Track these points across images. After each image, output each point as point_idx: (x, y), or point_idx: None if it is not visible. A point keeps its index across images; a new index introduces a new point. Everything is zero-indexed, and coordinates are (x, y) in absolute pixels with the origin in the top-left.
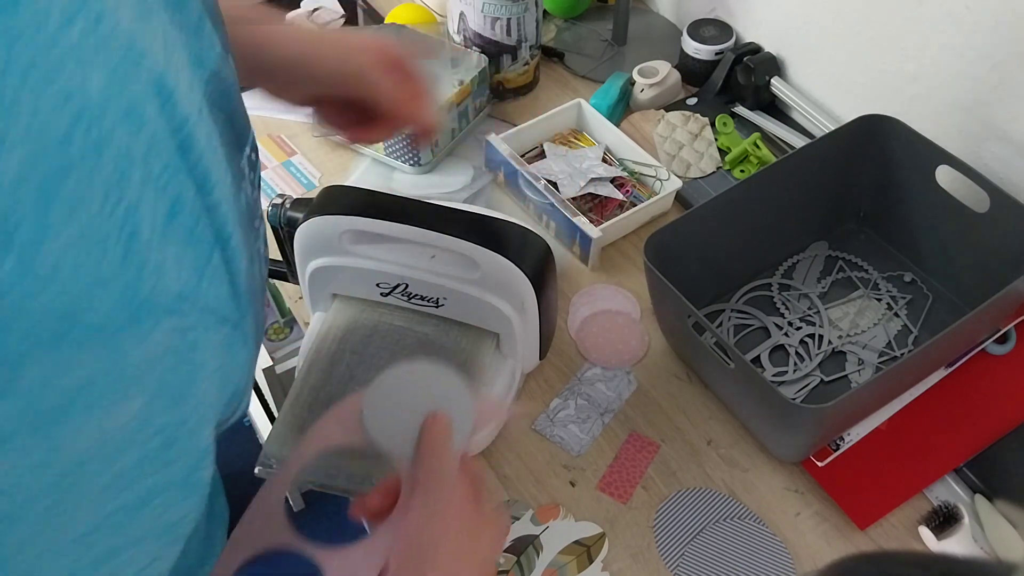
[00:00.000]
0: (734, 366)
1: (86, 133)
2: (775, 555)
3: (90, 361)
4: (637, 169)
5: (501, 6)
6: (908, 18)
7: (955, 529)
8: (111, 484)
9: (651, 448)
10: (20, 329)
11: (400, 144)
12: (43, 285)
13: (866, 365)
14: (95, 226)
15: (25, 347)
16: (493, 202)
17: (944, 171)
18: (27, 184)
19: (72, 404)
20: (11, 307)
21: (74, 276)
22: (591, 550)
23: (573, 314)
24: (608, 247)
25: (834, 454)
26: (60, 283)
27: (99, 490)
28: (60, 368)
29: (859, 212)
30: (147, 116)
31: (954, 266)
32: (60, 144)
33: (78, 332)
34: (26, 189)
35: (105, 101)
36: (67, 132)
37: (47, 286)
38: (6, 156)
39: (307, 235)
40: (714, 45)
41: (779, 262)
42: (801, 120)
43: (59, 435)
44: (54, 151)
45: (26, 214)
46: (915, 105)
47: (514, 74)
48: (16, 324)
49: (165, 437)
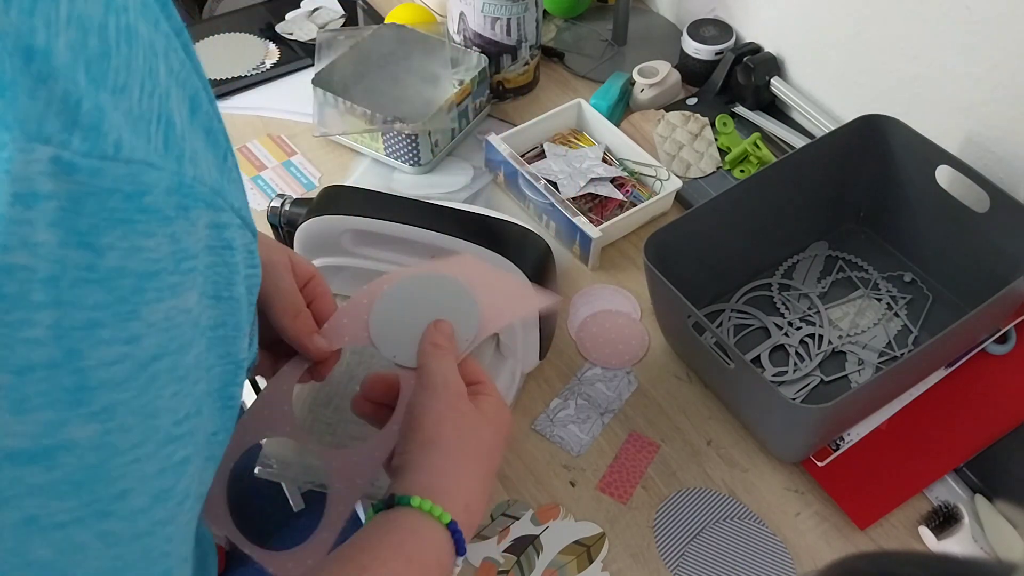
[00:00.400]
0: (734, 366)
1: (117, 21)
2: (775, 555)
3: (154, 246)
4: (637, 169)
5: (501, 6)
6: (908, 18)
7: (955, 529)
8: (178, 389)
9: (651, 448)
10: (94, 208)
11: (400, 144)
12: (107, 163)
13: (866, 365)
14: (139, 110)
15: (102, 227)
16: (493, 202)
17: (944, 171)
18: (79, 65)
19: (144, 290)
20: (84, 185)
21: (130, 156)
22: (591, 550)
23: (573, 314)
24: (608, 247)
25: (834, 454)
26: (121, 162)
27: (170, 395)
28: (132, 252)
29: (859, 212)
30: (156, 13)
31: (954, 266)
32: (99, 29)
33: (142, 215)
34: (79, 69)
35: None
36: (103, 19)
37: (111, 165)
38: (57, 39)
39: (307, 235)
40: (714, 45)
41: (779, 262)
42: (801, 120)
43: (137, 324)
44: (95, 35)
45: (83, 93)
46: (915, 105)
47: (514, 74)
48: (90, 202)
49: (211, 338)
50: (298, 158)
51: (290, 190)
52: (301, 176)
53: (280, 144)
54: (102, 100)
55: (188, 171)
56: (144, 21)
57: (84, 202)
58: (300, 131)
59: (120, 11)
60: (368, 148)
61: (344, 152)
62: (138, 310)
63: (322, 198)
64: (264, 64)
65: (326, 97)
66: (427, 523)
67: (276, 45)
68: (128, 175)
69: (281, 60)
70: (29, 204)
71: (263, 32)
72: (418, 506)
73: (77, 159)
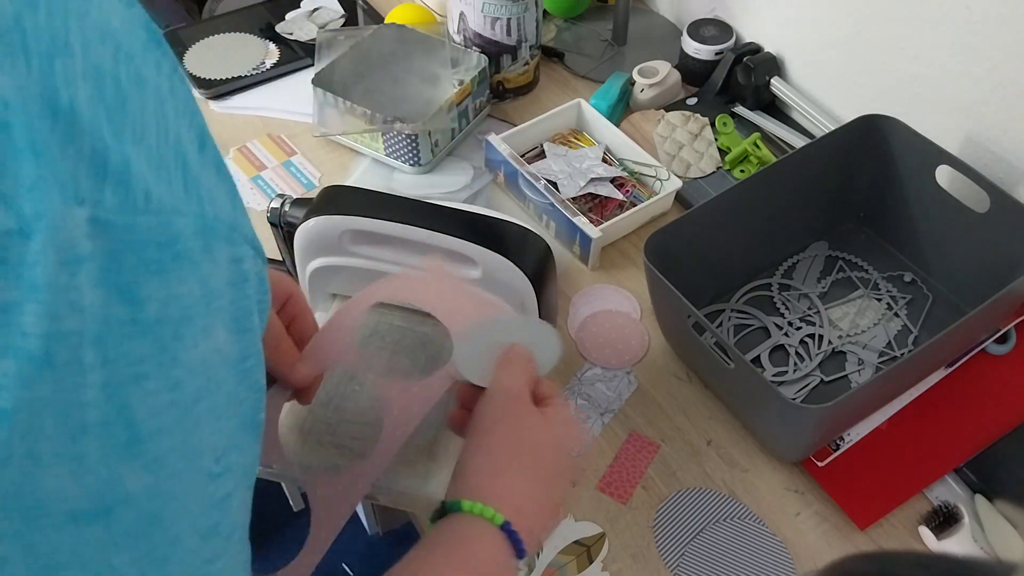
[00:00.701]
0: (734, 366)
1: (127, 69)
2: (775, 555)
3: (188, 292)
4: (637, 169)
5: (501, 6)
6: (908, 18)
7: (955, 529)
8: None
9: (651, 448)
10: (132, 262)
11: (400, 144)
12: (140, 217)
13: (866, 365)
14: (159, 156)
15: (140, 280)
16: (493, 202)
17: (944, 171)
18: (100, 118)
19: (183, 336)
20: (121, 240)
21: (160, 207)
22: (591, 550)
23: (573, 314)
24: (608, 247)
25: (834, 454)
26: (152, 214)
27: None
28: (169, 300)
29: (859, 212)
30: (156, 55)
31: (954, 266)
32: (113, 79)
33: (175, 262)
34: (102, 123)
35: (128, 35)
36: (114, 69)
37: (143, 218)
38: (78, 93)
39: (307, 235)
40: (714, 45)
41: (779, 262)
42: (801, 120)
43: (179, 370)
44: (111, 86)
45: (109, 147)
46: (915, 105)
47: (514, 74)
48: (128, 257)
49: (238, 371)
50: (298, 158)
51: (290, 190)
52: (301, 176)
53: (280, 144)
54: (127, 152)
55: (208, 211)
56: (148, 65)
57: (122, 257)
58: (300, 131)
59: (127, 59)
60: (368, 148)
61: (344, 152)
62: (179, 356)
63: (322, 198)
64: (264, 64)
65: (326, 97)
66: (479, 526)
67: (276, 45)
68: (160, 225)
69: (281, 60)
70: (74, 269)
71: (263, 32)
72: (468, 510)
73: (112, 216)
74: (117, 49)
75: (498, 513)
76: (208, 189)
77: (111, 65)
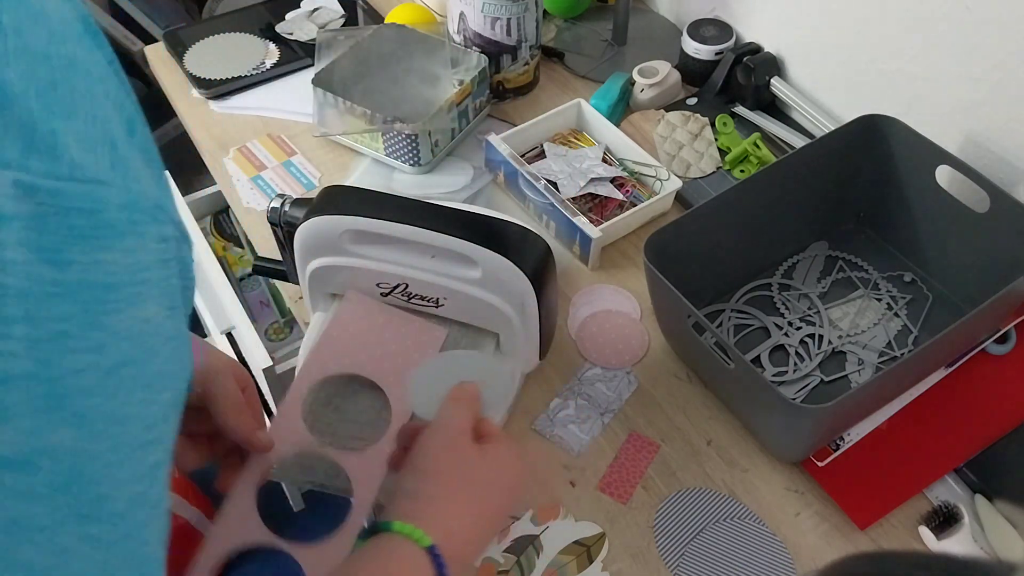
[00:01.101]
0: (734, 366)
1: (59, 50)
2: (775, 555)
3: (111, 260)
4: (637, 169)
5: (501, 6)
6: (908, 18)
7: (955, 529)
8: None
9: (651, 448)
10: (55, 226)
11: (400, 144)
12: (65, 183)
13: (866, 365)
14: (87, 133)
15: (64, 243)
16: (493, 202)
17: (944, 171)
18: (30, 93)
19: (106, 301)
20: (45, 204)
21: (85, 176)
22: (591, 550)
23: (573, 314)
24: (608, 247)
25: (834, 454)
26: (77, 181)
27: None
28: (92, 265)
29: (859, 212)
30: (90, 42)
31: (954, 266)
32: (45, 59)
33: (99, 231)
34: (31, 97)
35: (63, 24)
36: (46, 50)
37: (68, 185)
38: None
39: (307, 235)
40: (714, 45)
41: (779, 262)
42: (801, 120)
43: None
44: (42, 65)
45: (37, 119)
46: (915, 105)
47: (514, 74)
48: (52, 221)
49: (171, 348)
50: (298, 158)
51: (290, 190)
52: (301, 176)
53: (280, 144)
54: (55, 125)
55: (134, 187)
56: (82, 50)
57: (47, 220)
58: (300, 131)
59: (60, 42)
60: (368, 148)
61: (344, 152)
62: (101, 320)
63: (322, 198)
64: (264, 64)
65: (326, 97)
66: (406, 546)
67: (276, 45)
68: (84, 193)
69: (281, 60)
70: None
71: (263, 32)
72: (398, 530)
73: (38, 180)
74: (51, 34)
75: (426, 535)
76: (135, 171)
77: (43, 46)
